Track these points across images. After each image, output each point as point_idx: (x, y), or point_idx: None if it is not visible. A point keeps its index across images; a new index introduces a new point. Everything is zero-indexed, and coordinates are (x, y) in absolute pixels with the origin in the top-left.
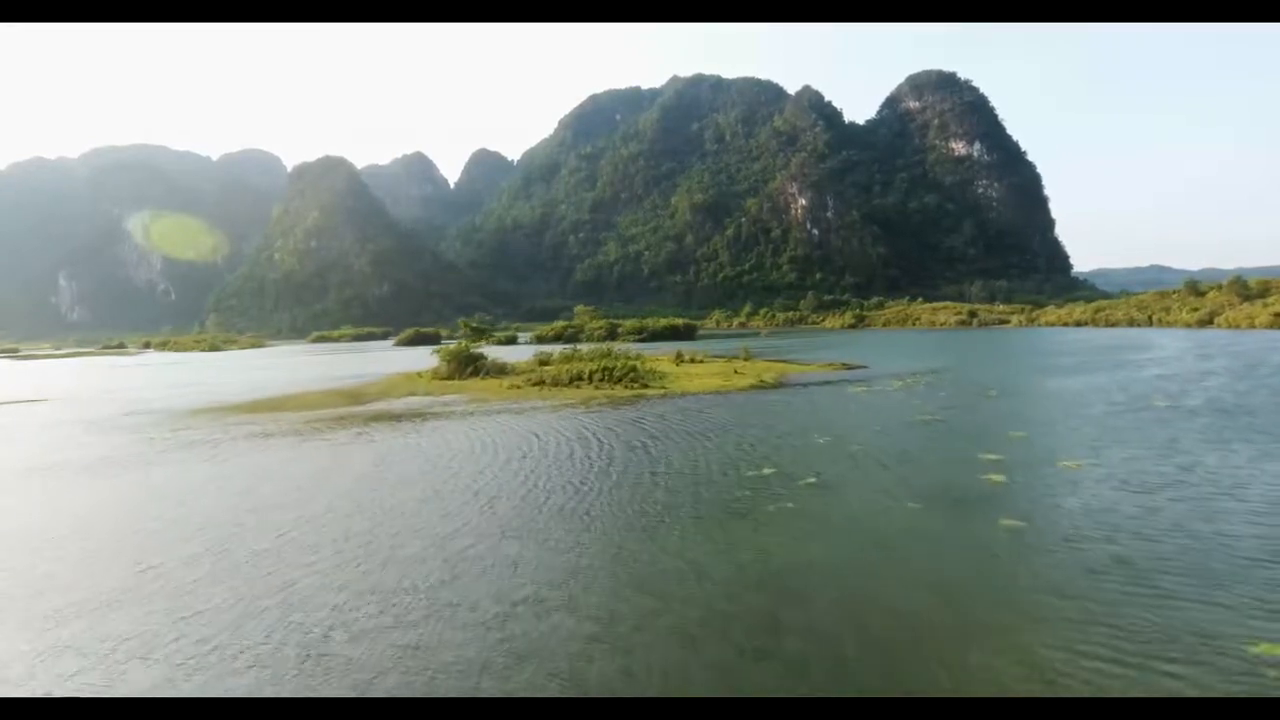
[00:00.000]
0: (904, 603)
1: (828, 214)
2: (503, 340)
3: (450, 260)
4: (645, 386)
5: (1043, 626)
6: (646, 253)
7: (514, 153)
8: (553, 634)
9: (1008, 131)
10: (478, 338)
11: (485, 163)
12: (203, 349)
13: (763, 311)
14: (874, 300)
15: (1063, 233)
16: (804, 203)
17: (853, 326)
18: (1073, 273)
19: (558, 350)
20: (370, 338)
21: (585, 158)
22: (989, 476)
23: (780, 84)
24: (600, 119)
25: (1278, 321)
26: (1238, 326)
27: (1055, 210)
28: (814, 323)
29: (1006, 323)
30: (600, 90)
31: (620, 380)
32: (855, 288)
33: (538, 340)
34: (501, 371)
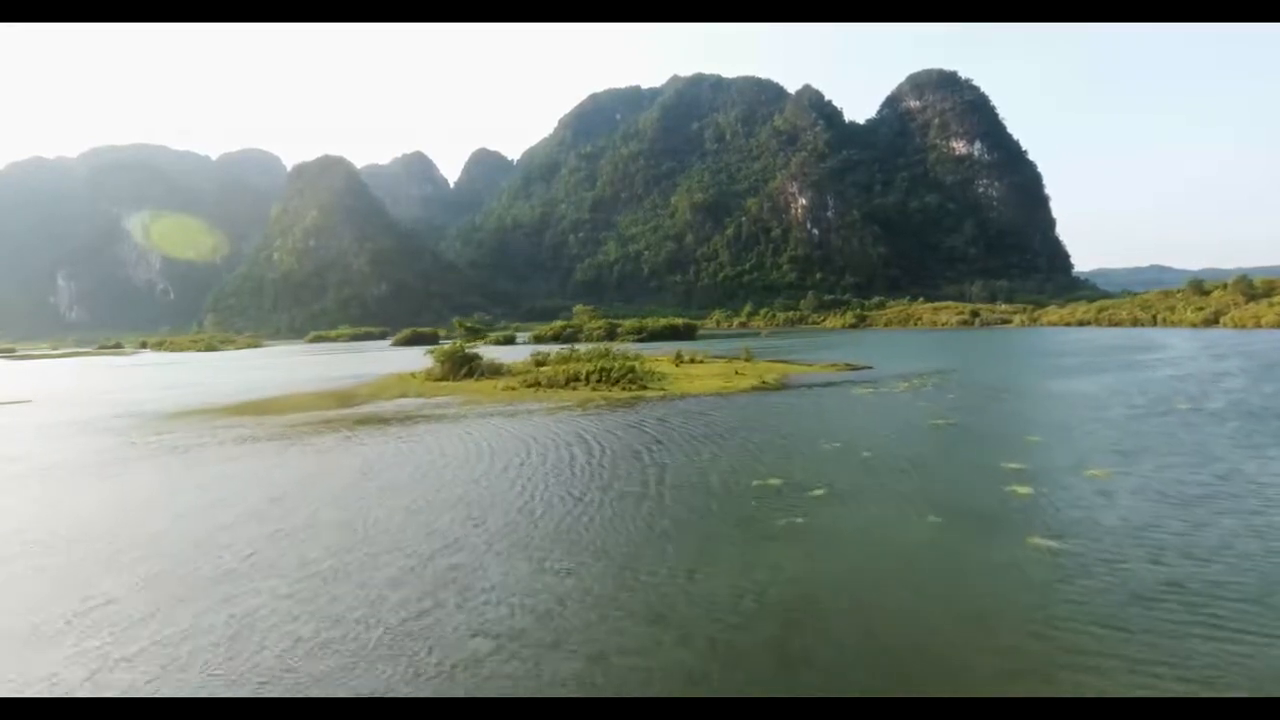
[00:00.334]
0: (933, 637)
1: (828, 213)
2: (501, 340)
3: (450, 260)
4: (644, 388)
5: (1098, 668)
6: (646, 252)
7: (514, 152)
8: (533, 677)
9: (1008, 131)
10: (473, 338)
11: (485, 162)
12: (199, 349)
13: (763, 311)
14: (875, 300)
15: (1063, 233)
16: (804, 202)
17: (854, 326)
18: (1073, 272)
19: (555, 350)
20: (368, 338)
21: (585, 157)
22: (1012, 487)
23: (780, 83)
24: (600, 118)
25: None
26: (1244, 326)
27: (1055, 210)
28: (815, 323)
29: (1009, 322)
30: (600, 89)
31: (618, 382)
32: (856, 287)
33: (536, 340)
34: (496, 372)
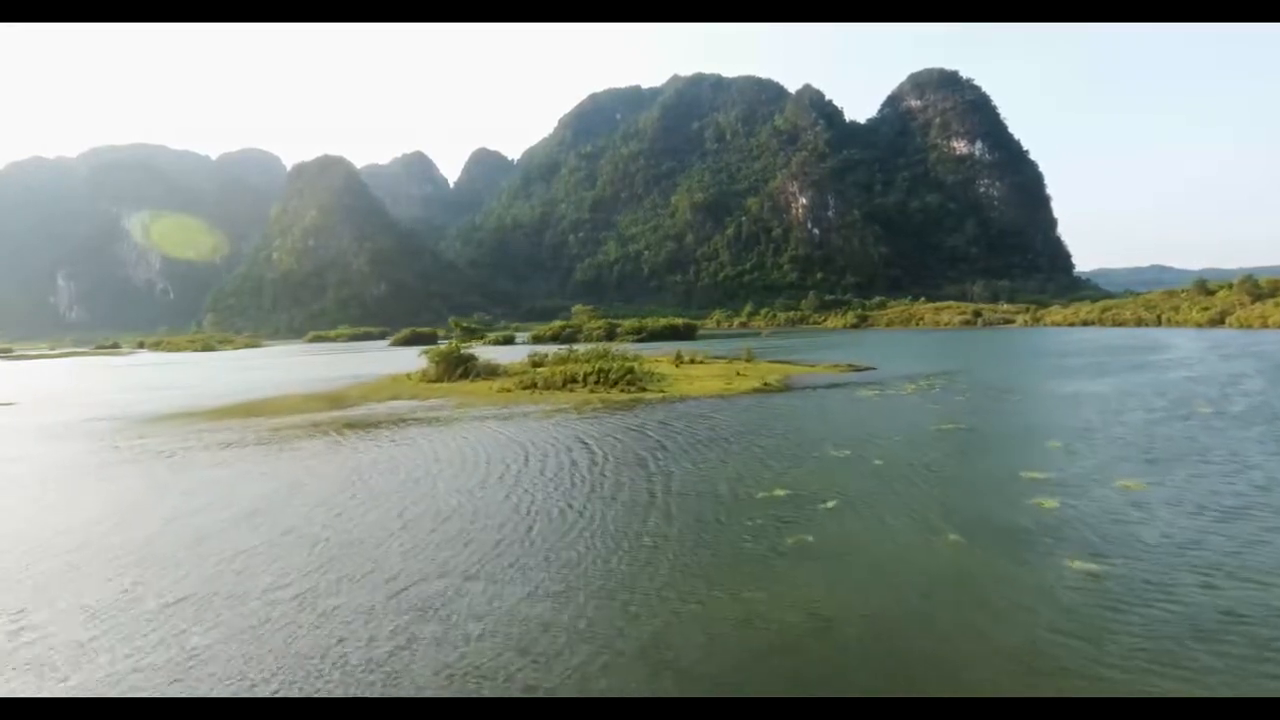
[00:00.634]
0: (967, 675)
1: (829, 213)
2: (500, 340)
3: (450, 260)
4: (643, 390)
5: None
6: (646, 252)
7: (514, 152)
8: None
9: (1010, 131)
10: (469, 338)
11: (485, 162)
12: (196, 349)
13: (763, 311)
14: (876, 300)
15: (1063, 233)
16: (805, 202)
17: (855, 326)
18: (1074, 273)
19: (553, 351)
20: (367, 338)
21: (585, 157)
22: (1038, 500)
23: (781, 83)
24: (600, 118)
25: None
26: (1250, 326)
27: (1056, 210)
28: (816, 323)
29: (1011, 322)
30: (600, 89)
31: (617, 383)
32: (856, 287)
33: (535, 340)
34: (492, 373)
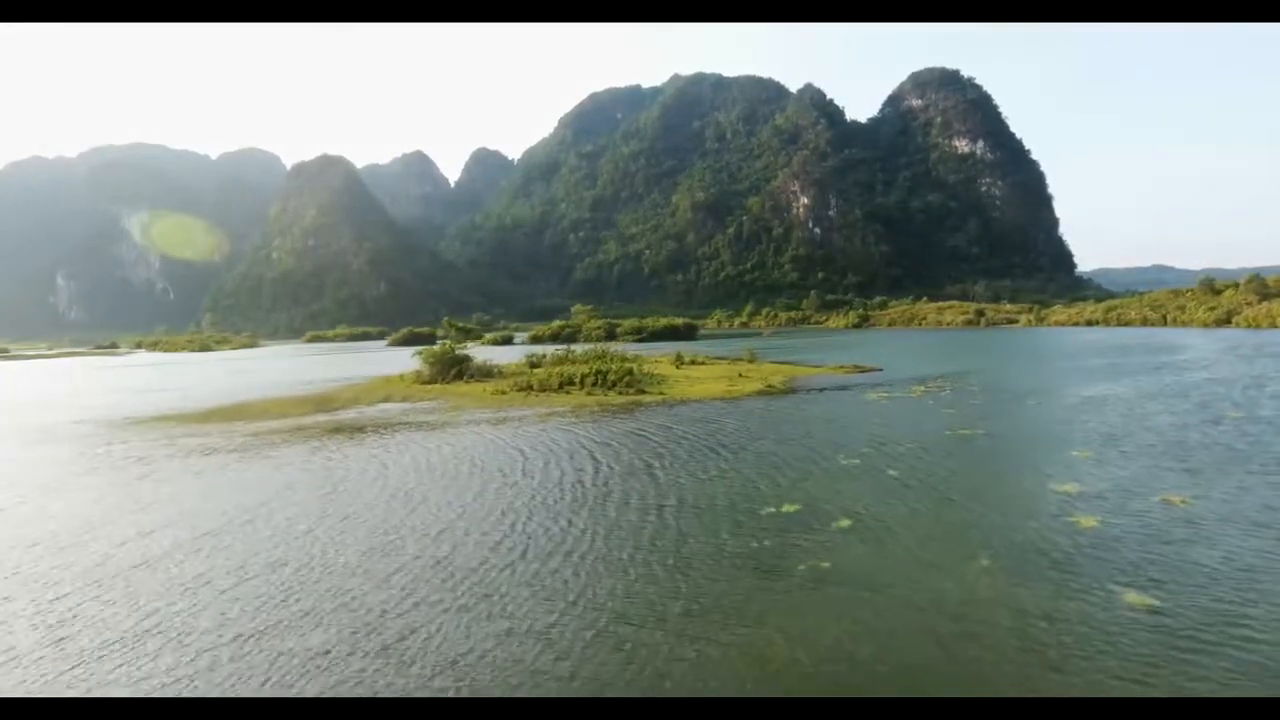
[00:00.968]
0: None
1: (830, 212)
2: (499, 340)
3: (449, 259)
4: (642, 392)
5: None
6: (647, 252)
7: (514, 151)
8: None
9: (1011, 130)
10: (464, 338)
11: (485, 161)
12: (193, 349)
13: (765, 311)
14: (877, 300)
15: (1064, 232)
16: (806, 201)
17: (857, 326)
18: (1075, 272)
19: (551, 351)
20: (366, 338)
21: (585, 156)
22: (1074, 517)
23: (781, 82)
24: (601, 117)
25: None
26: (1258, 326)
27: (1057, 210)
28: (817, 322)
29: (1015, 322)
30: (601, 89)
31: (615, 385)
32: (858, 287)
33: (534, 340)
34: (488, 374)
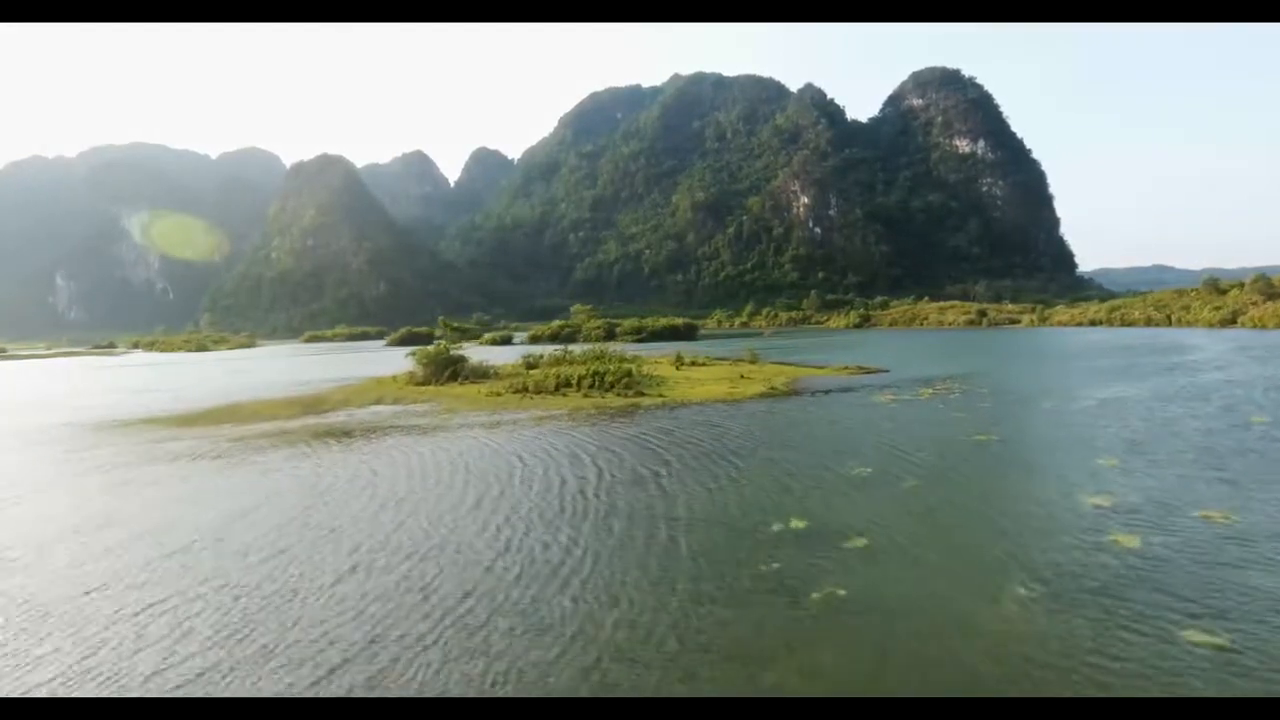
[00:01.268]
0: None
1: (830, 212)
2: (498, 340)
3: (449, 259)
4: (641, 394)
5: None
6: (647, 252)
7: (514, 151)
8: None
9: (1012, 130)
10: (460, 338)
11: (485, 161)
12: (190, 349)
13: (765, 311)
14: (878, 300)
15: (1064, 232)
16: (806, 201)
17: (858, 326)
18: (1076, 272)
19: (549, 351)
20: (365, 338)
21: (585, 156)
22: (1113, 536)
23: (782, 81)
24: (601, 117)
25: None
26: (1264, 326)
27: (1057, 210)
28: (818, 322)
29: (1017, 322)
30: (601, 88)
31: (613, 387)
32: (858, 287)
33: (533, 340)
34: (483, 375)
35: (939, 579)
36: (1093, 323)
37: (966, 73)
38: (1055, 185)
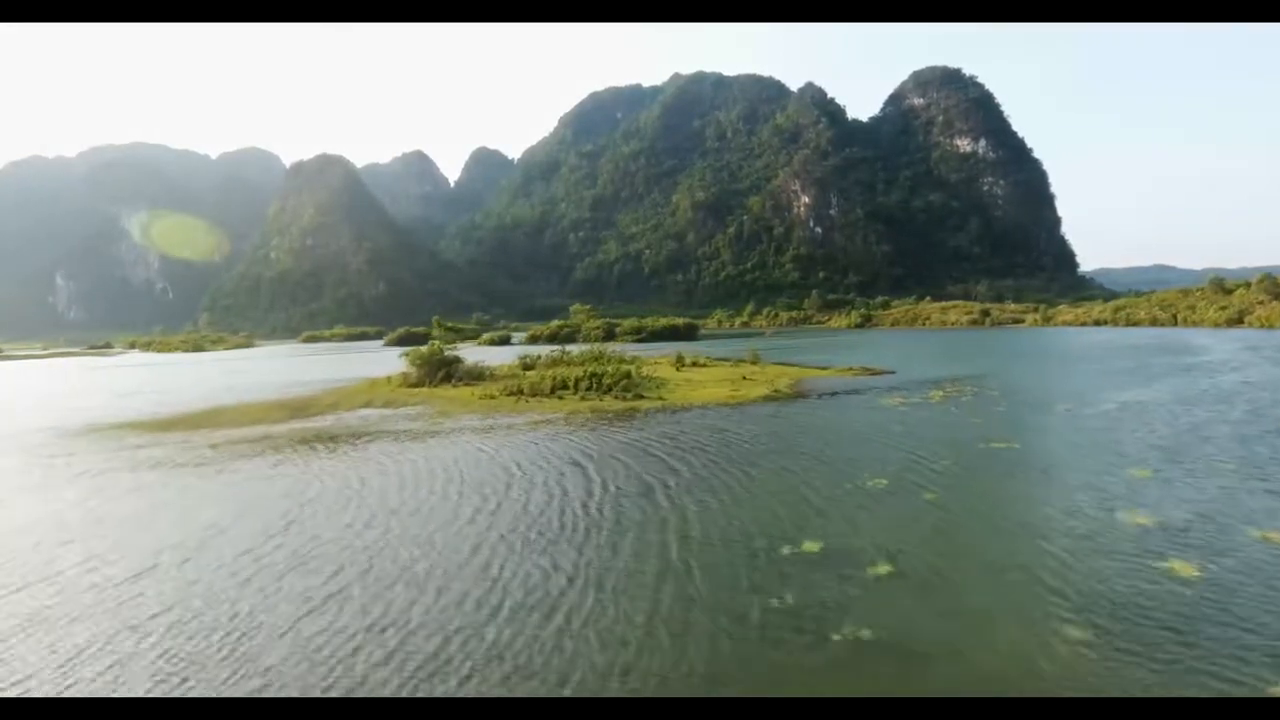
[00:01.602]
0: None
1: (831, 212)
2: (496, 340)
3: (449, 259)
4: (640, 397)
5: None
6: (647, 251)
7: (514, 151)
8: None
9: (1013, 129)
10: (454, 338)
11: (485, 161)
12: (186, 350)
13: (766, 311)
14: (879, 299)
15: (1064, 232)
16: (807, 200)
17: (860, 326)
18: (1078, 272)
19: (547, 352)
20: (363, 338)
21: (586, 156)
22: (1168, 564)
23: (782, 81)
24: (601, 117)
25: None
26: (1272, 325)
27: (1058, 209)
28: (819, 322)
29: (1021, 322)
30: (601, 88)
31: (611, 389)
32: (859, 286)
33: (531, 340)
34: (478, 377)
35: (979, 616)
36: (1097, 323)
37: (967, 72)
38: (1055, 185)
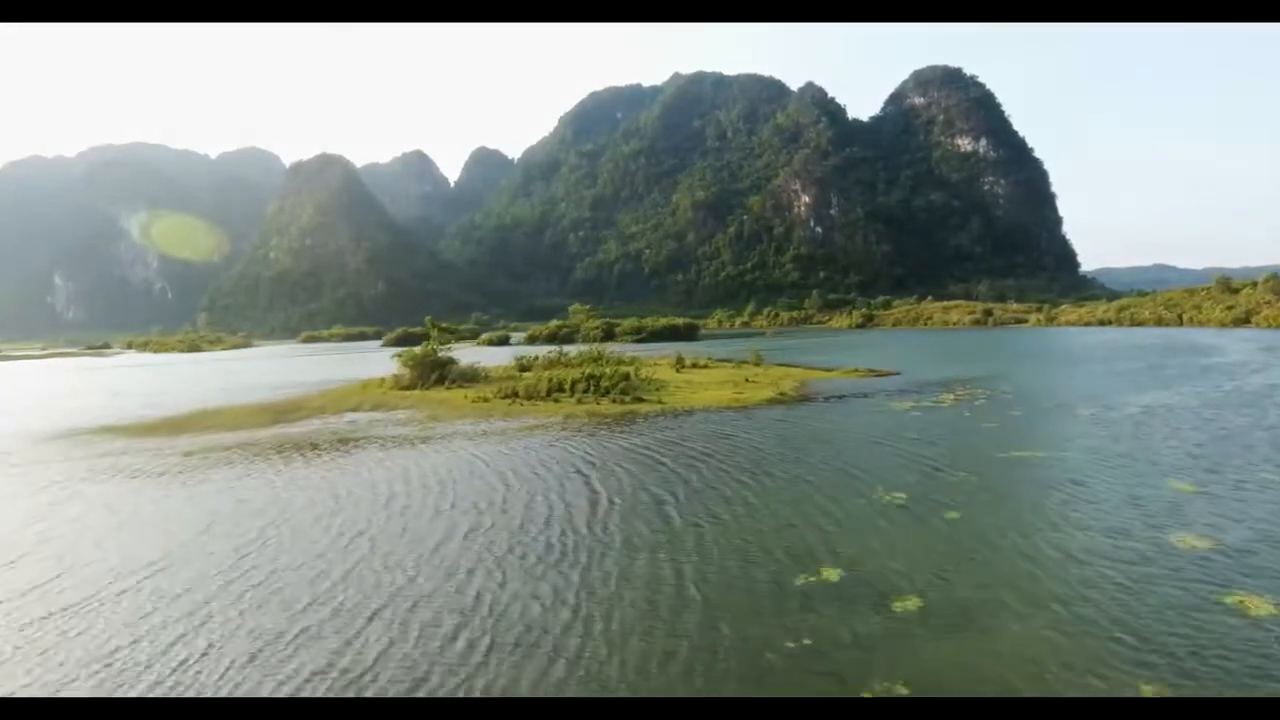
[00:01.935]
0: None
1: (831, 211)
2: (495, 340)
3: (448, 259)
4: (639, 400)
5: None
6: (647, 251)
7: (514, 150)
8: None
9: (1014, 128)
10: (448, 338)
11: (485, 160)
12: (183, 350)
13: (766, 311)
14: (880, 299)
15: (1065, 231)
16: (807, 200)
17: (861, 326)
18: (1079, 272)
19: (544, 353)
20: (362, 338)
21: (586, 155)
22: (1235, 597)
23: (783, 80)
24: (601, 116)
25: None
26: (1278, 325)
27: (1058, 209)
28: (820, 322)
29: (1024, 322)
30: (601, 87)
31: (609, 392)
32: (860, 286)
33: (530, 340)
34: (472, 379)
35: (1031, 664)
36: (1101, 322)
37: (968, 72)
38: (1056, 184)
